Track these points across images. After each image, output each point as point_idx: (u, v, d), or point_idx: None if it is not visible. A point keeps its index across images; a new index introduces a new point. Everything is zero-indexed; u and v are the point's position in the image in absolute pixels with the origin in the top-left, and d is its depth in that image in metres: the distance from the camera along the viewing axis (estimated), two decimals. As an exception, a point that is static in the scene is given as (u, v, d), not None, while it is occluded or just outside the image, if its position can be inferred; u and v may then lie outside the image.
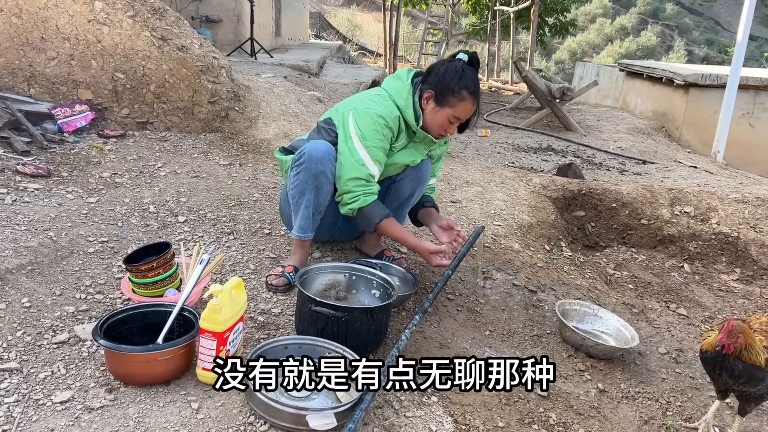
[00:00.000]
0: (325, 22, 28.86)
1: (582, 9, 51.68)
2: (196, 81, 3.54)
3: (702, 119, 7.73)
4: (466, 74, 2.09)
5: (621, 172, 5.48)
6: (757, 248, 3.37)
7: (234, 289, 1.71)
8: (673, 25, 57.35)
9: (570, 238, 3.49)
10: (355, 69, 6.91)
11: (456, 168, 3.77)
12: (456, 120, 2.13)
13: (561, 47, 47.37)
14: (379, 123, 2.10)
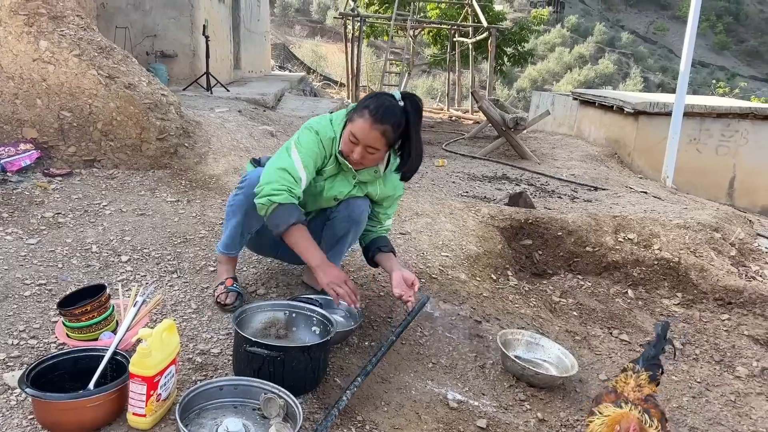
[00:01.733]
0: (289, 53, 29.12)
1: (541, 38, 53.22)
2: (145, 118, 3.54)
3: (652, 146, 7.99)
4: (381, 99, 2.11)
5: (572, 199, 5.62)
6: (697, 273, 3.48)
7: (165, 331, 1.71)
8: (629, 53, 59.36)
9: (518, 266, 3.55)
10: (313, 101, 6.98)
11: (406, 200, 3.83)
12: (355, 139, 2.09)
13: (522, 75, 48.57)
14: (315, 138, 2.16)
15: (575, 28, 60.03)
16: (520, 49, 17.92)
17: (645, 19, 73.11)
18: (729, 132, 8.03)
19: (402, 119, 2.10)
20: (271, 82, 8.81)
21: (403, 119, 2.11)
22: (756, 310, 3.24)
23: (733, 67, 65.37)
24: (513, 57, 18.01)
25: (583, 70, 51.80)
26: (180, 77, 6.62)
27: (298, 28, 45.38)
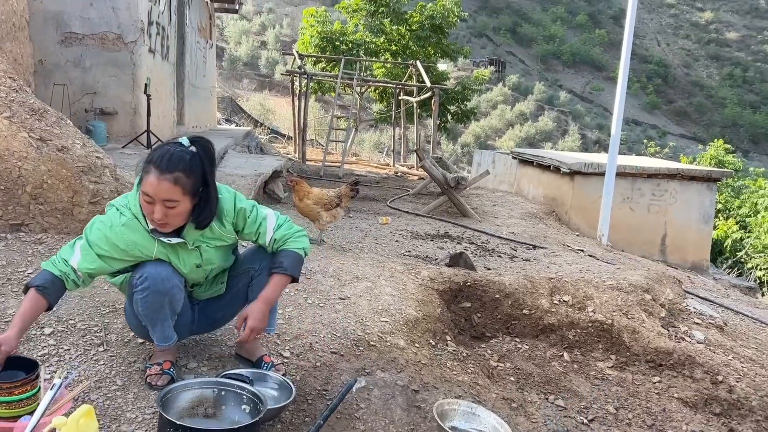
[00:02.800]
0: (236, 107, 29.18)
1: (484, 96, 55.22)
2: (77, 182, 3.45)
3: (588, 204, 8.29)
4: (161, 149, 2.02)
5: (512, 258, 5.74)
6: (629, 335, 3.58)
7: (83, 418, 1.63)
8: (567, 111, 62.16)
9: (456, 330, 3.57)
10: (256, 159, 6.97)
11: (347, 263, 3.82)
12: (149, 198, 1.99)
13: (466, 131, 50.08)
14: (105, 228, 2.10)
15: (516, 87, 62.61)
16: (463, 107, 18.50)
17: (581, 79, 77.00)
18: (659, 191, 8.44)
19: (194, 163, 2.00)
20: (215, 137, 8.76)
21: (196, 163, 2.01)
22: (685, 371, 3.34)
23: (663, 126, 69.24)
24: (456, 115, 18.56)
25: (524, 127, 53.86)
26: (120, 135, 6.52)
27: (246, 82, 45.64)
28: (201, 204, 2.08)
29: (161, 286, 2.11)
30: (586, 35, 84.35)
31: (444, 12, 17.69)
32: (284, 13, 61.83)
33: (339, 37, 17.49)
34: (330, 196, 3.90)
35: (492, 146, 49.22)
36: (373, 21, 17.80)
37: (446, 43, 18.59)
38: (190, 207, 2.05)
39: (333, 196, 3.92)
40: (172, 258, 2.18)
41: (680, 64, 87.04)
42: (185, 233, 2.16)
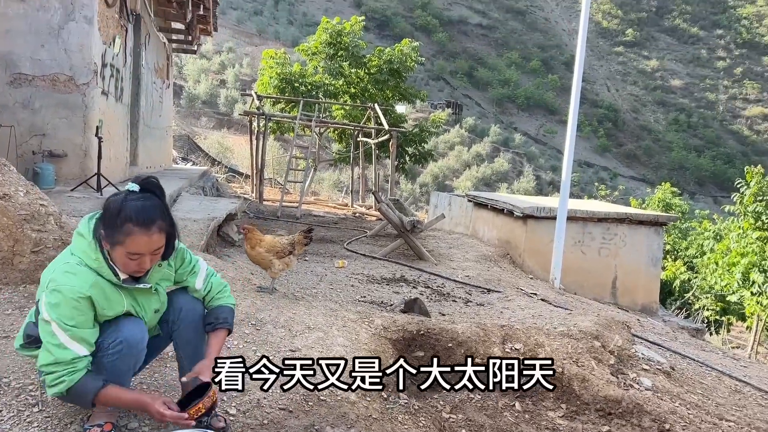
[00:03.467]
0: (194, 145, 28.94)
1: (442, 137, 56.30)
2: (19, 230, 3.34)
3: (541, 247, 8.44)
4: (127, 204, 1.99)
5: (466, 303, 5.77)
6: (579, 383, 3.61)
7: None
8: (522, 153, 63.82)
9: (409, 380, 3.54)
10: (210, 202, 6.89)
11: (299, 312, 3.77)
12: (137, 255, 2.00)
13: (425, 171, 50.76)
14: (73, 300, 1.97)
15: (472, 129, 64.07)
16: (421, 149, 18.81)
17: (535, 122, 79.41)
18: (609, 235, 8.66)
19: (162, 205, 2.08)
20: (169, 178, 8.65)
21: (162, 204, 2.09)
22: (633, 420, 3.38)
23: (615, 168, 71.66)
24: (414, 156, 18.84)
25: (481, 168, 54.99)
26: (69, 177, 6.36)
27: (204, 120, 45.44)
28: (168, 239, 2.12)
29: (134, 349, 2.08)
30: (540, 80, 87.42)
31: (402, 57, 18.11)
32: (244, 52, 62.22)
33: (298, 79, 17.68)
34: (283, 244, 3.88)
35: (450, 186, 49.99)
36: (332, 64, 18.08)
37: (404, 87, 18.98)
38: (164, 245, 2.10)
39: (286, 243, 3.89)
40: (136, 308, 2.15)
41: (629, 109, 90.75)
42: (149, 277, 2.16)
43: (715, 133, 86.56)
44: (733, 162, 70.61)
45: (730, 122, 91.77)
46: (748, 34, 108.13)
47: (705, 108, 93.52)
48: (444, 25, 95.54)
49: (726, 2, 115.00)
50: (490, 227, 9.80)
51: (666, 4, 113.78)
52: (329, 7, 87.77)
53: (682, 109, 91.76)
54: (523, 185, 51.08)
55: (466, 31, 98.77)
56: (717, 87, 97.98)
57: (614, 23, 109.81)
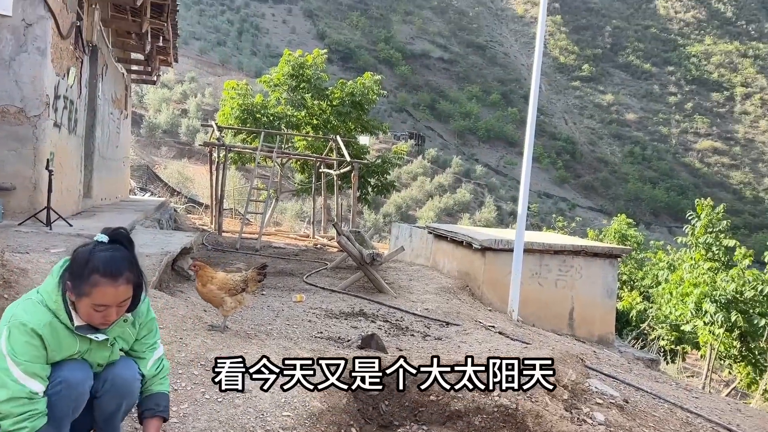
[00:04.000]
0: (153, 175, 28.50)
1: (405, 168, 56.82)
2: (-44, 268, 3.21)
3: (499, 279, 8.51)
4: (95, 256, 1.98)
5: (424, 337, 5.75)
6: (533, 419, 3.61)
7: None
8: (483, 184, 64.80)
9: (363, 420, 3.49)
10: (165, 236, 6.76)
11: (251, 351, 3.69)
12: (102, 307, 1.97)
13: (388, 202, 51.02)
14: (28, 335, 1.94)
15: (435, 160, 64.86)
16: (383, 180, 18.90)
17: (496, 153, 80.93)
18: (566, 267, 8.79)
19: (127, 253, 2.05)
20: (123, 211, 8.48)
21: (131, 256, 2.07)
22: (586, 456, 3.39)
23: (573, 199, 73.27)
24: (377, 187, 18.91)
25: (443, 198, 55.57)
26: (17, 211, 6.16)
27: (165, 149, 44.90)
28: (135, 292, 2.09)
29: (74, 391, 2.01)
30: (500, 113, 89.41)
31: (364, 90, 18.29)
32: (207, 82, 62.04)
33: (260, 110, 17.66)
34: (235, 281, 3.81)
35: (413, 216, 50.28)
36: (294, 95, 18.14)
37: (366, 119, 19.13)
38: (131, 297, 2.07)
39: (239, 280, 3.83)
40: (86, 355, 2.10)
41: (586, 141, 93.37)
42: (109, 329, 2.11)
43: (668, 165, 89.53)
44: (686, 193, 73.03)
45: (682, 155, 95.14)
46: (697, 71, 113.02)
47: (658, 141, 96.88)
48: (407, 58, 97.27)
49: (676, 40, 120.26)
50: (450, 259, 9.86)
51: (620, 41, 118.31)
52: (293, 38, 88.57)
53: (637, 142, 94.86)
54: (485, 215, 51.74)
55: (428, 64, 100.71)
56: (669, 121, 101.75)
57: (571, 59, 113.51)
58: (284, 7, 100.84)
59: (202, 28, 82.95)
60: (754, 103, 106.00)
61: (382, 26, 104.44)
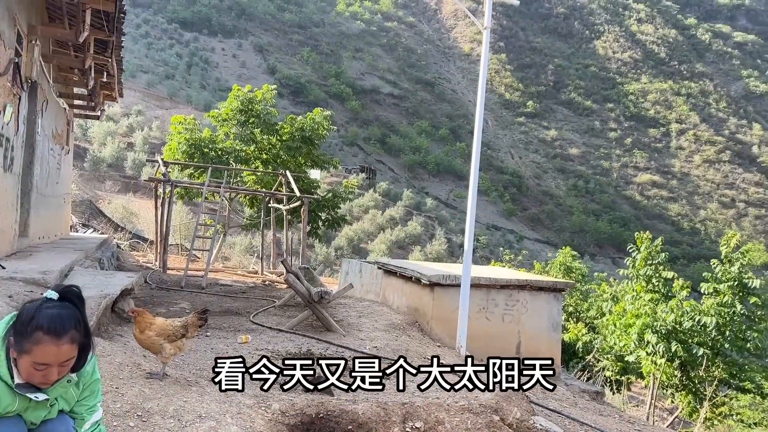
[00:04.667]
0: (96, 210, 27.68)
1: (356, 201, 56.97)
2: None
3: (447, 314, 8.55)
4: (42, 312, 1.95)
5: (372, 377, 5.71)
6: (478, 460, 3.62)
7: None
8: (434, 217, 65.48)
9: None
10: (105, 277, 6.55)
11: (190, 399, 3.59)
12: (42, 366, 1.93)
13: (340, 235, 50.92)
14: None
15: (386, 193, 65.35)
16: (334, 214, 18.91)
17: (446, 187, 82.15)
18: (512, 302, 8.92)
19: (76, 312, 2.02)
20: (62, 251, 8.18)
21: (80, 316, 2.03)
22: (530, 496, 3.41)
23: (520, 231, 74.80)
24: (327, 221, 18.89)
25: (395, 231, 55.84)
26: (-55, 252, 5.88)
27: (109, 184, 43.76)
28: (81, 352, 2.05)
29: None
30: (449, 147, 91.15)
31: (313, 125, 18.38)
32: (154, 115, 61.13)
33: (208, 144, 17.48)
34: (175, 327, 3.72)
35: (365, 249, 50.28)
36: (243, 130, 18.06)
37: (316, 153, 19.20)
38: (75, 357, 2.03)
39: (178, 326, 3.74)
40: (23, 413, 2.06)
41: (532, 175, 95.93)
42: (51, 389, 2.06)
43: (610, 198, 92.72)
44: (628, 225, 75.53)
45: (623, 188, 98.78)
46: (635, 108, 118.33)
47: (600, 175, 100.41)
48: (357, 93, 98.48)
49: (614, 79, 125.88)
50: (399, 294, 9.86)
51: (562, 79, 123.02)
52: (243, 73, 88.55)
53: (580, 176, 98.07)
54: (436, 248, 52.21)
55: (378, 99, 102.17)
56: (610, 156, 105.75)
57: (516, 95, 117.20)
58: (234, 41, 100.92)
59: (150, 62, 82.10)
60: (688, 138, 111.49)
61: (333, 62, 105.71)
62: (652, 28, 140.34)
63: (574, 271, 18.27)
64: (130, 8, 61.28)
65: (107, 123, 52.12)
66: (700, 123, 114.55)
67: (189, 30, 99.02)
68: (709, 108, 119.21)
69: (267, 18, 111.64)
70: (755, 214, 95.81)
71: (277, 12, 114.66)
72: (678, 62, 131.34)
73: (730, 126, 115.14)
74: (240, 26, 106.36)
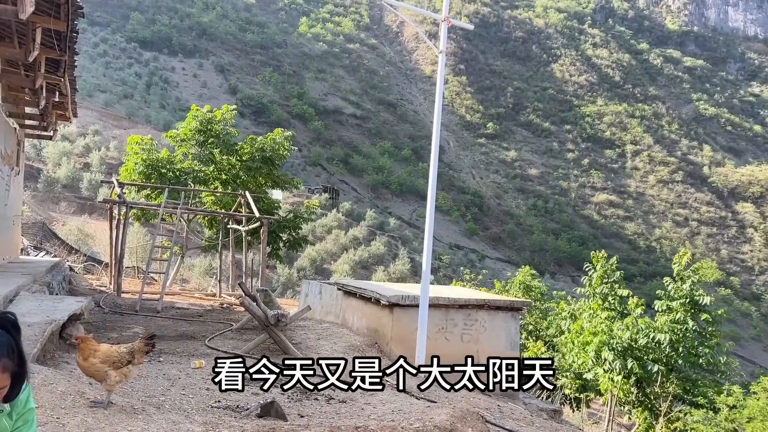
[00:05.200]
0: (49, 233, 26.85)
1: (319, 221, 56.72)
2: None
3: (407, 335, 8.54)
4: None
5: (328, 400, 5.64)
6: (431, 483, 3.60)
7: None
8: (397, 237, 65.57)
9: (257, 496, 3.34)
10: (53, 302, 6.34)
11: (136, 428, 3.48)
12: None
13: (303, 255, 50.46)
14: None
15: (349, 213, 65.24)
16: (295, 234, 18.75)
17: (409, 207, 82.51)
18: (470, 321, 8.97)
19: (10, 340, 1.99)
20: (8, 275, 7.90)
21: (13, 342, 2.00)
22: None
23: (482, 250, 75.48)
24: (288, 242, 18.71)
25: (358, 251, 55.65)
26: None
27: (64, 205, 42.61)
28: (14, 381, 2.00)
29: None
30: (411, 168, 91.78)
31: (274, 145, 18.28)
32: (112, 135, 59.97)
33: (166, 165, 17.20)
34: (121, 353, 3.61)
35: (328, 270, 49.94)
36: (202, 151, 17.84)
37: (277, 174, 19.06)
38: (8, 385, 1.98)
39: (124, 353, 3.63)
40: None
41: (493, 195, 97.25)
42: None
43: (569, 217, 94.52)
44: (586, 244, 76.97)
45: (581, 208, 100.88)
46: (591, 129, 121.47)
47: (559, 195, 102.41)
48: (320, 114, 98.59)
49: (571, 101, 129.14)
50: (359, 316, 9.81)
51: (521, 101, 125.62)
52: (203, 92, 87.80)
53: (540, 196, 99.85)
54: (399, 268, 52.21)
55: (341, 120, 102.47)
56: (568, 176, 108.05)
57: (476, 117, 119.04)
58: (195, 61, 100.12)
59: (108, 81, 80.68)
60: (643, 159, 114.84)
61: (295, 82, 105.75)
62: (607, 53, 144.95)
63: (534, 290, 18.51)
64: (87, 26, 60.20)
65: (62, 143, 50.87)
66: (653, 144, 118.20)
67: (148, 49, 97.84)
68: (662, 130, 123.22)
69: (228, 38, 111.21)
70: (707, 233, 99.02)
71: (238, 32, 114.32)
72: (632, 85, 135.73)
73: (682, 147, 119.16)
74: (201, 46, 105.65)
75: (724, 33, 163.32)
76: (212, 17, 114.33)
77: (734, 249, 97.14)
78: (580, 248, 75.39)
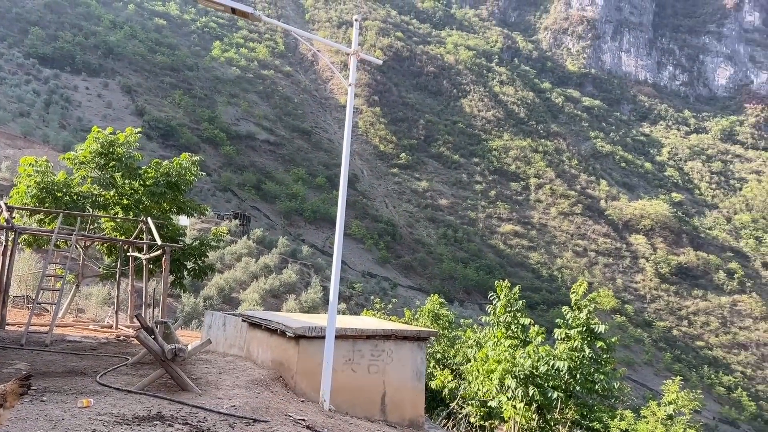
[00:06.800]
0: (-77, 259, 24.47)
1: (228, 249, 55.21)
2: None
3: (313, 368, 8.40)
4: None
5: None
6: None
7: None
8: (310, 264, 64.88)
9: None
10: None
11: (4, 480, 3.18)
12: None
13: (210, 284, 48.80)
14: None
15: (260, 240, 64.00)
16: (201, 263, 18.12)
17: (322, 234, 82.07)
18: (377, 352, 8.95)
19: None
20: None
21: None
22: None
23: (394, 278, 76.06)
24: (194, 270, 18.04)
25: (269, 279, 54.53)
26: None
27: (-56, 228, 39.09)
28: None
29: None
30: (325, 195, 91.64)
31: (181, 170, 17.71)
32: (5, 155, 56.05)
33: (62, 188, 16.23)
34: (-10, 397, 3.30)
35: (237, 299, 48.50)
36: (103, 174, 16.99)
37: (183, 200, 18.41)
38: None
39: (-6, 396, 3.32)
40: None
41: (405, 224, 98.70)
42: None
43: (477, 246, 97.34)
44: (493, 272, 79.43)
45: (488, 237, 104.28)
46: (498, 162, 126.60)
47: (468, 224, 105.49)
48: (231, 138, 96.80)
49: (479, 135, 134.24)
50: (264, 348, 9.56)
51: (432, 134, 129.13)
52: (108, 113, 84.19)
53: (450, 225, 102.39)
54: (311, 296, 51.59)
55: (254, 146, 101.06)
56: (476, 207, 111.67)
57: (390, 147, 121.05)
58: (100, 80, 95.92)
59: (1, 97, 75.72)
60: (545, 192, 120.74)
61: (207, 106, 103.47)
62: (513, 90, 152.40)
63: (442, 318, 18.76)
64: (-21, 39, 56.22)
65: (-55, 162, 46.97)
66: (555, 178, 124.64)
67: (49, 66, 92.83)
68: (563, 164, 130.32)
69: (137, 59, 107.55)
70: (604, 263, 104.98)
71: (147, 53, 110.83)
72: (535, 122, 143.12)
73: (581, 182, 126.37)
74: (107, 65, 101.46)
75: (618, 76, 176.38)
76: (120, 36, 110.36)
77: (628, 278, 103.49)
78: (488, 276, 77.64)
